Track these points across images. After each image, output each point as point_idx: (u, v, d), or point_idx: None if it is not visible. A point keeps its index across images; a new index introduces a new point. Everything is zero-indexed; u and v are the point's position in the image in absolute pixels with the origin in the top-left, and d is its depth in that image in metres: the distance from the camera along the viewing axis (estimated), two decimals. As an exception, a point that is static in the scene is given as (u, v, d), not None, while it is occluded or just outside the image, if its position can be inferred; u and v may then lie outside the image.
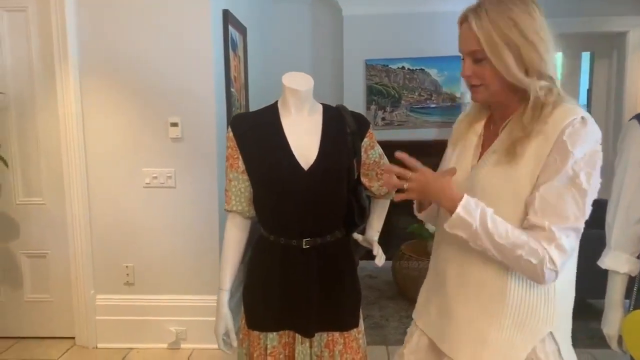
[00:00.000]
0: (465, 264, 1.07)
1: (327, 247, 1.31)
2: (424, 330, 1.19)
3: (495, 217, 0.96)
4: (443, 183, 0.99)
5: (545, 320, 1.02)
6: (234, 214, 1.37)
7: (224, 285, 1.36)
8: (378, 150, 1.40)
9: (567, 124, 0.94)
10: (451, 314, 1.10)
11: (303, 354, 1.30)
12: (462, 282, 1.08)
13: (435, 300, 1.16)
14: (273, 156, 1.27)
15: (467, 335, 1.06)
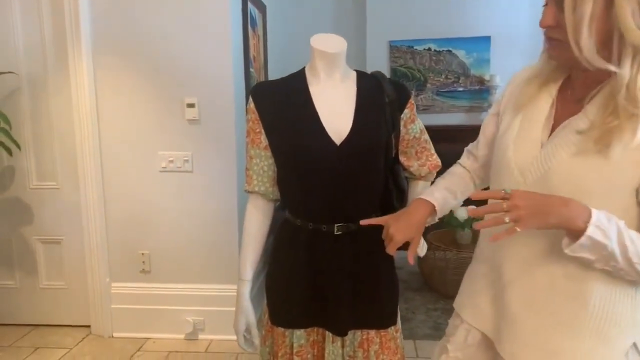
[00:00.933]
0: (532, 260, 0.89)
1: (362, 234, 1.15)
2: (473, 324, 1.04)
3: (631, 232, 0.76)
4: (560, 197, 0.77)
5: (631, 329, 0.85)
6: (256, 195, 1.22)
7: (244, 275, 1.22)
8: (419, 125, 1.23)
9: None
10: (512, 316, 0.93)
11: (334, 354, 1.15)
12: (527, 283, 0.91)
13: (488, 291, 1.00)
14: (300, 129, 1.11)
15: (533, 344, 0.90)
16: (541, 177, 0.86)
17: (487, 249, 1.03)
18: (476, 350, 1.04)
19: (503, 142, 0.96)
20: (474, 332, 1.04)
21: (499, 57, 4.17)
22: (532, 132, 0.91)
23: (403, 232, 1.01)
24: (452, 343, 1.07)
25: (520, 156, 0.91)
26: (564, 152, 0.83)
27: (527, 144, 0.91)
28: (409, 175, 1.26)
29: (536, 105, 0.92)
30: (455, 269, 3.07)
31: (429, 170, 1.25)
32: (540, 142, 0.89)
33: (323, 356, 1.16)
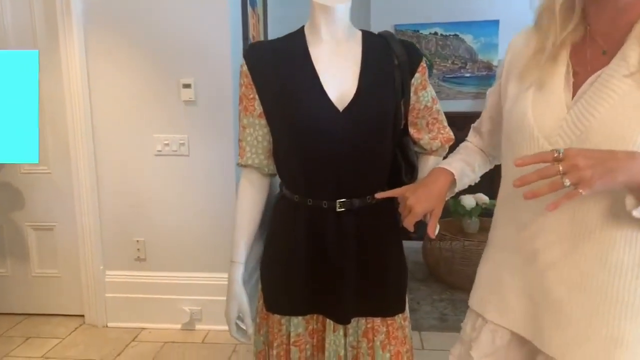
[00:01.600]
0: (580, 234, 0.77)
1: (367, 211, 1.04)
2: (501, 324, 0.91)
3: None
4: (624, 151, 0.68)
5: None
6: (250, 169, 1.11)
7: (236, 256, 1.11)
8: (431, 93, 1.11)
9: None
10: (554, 303, 0.81)
11: (335, 344, 1.04)
12: (573, 262, 0.78)
13: (519, 286, 0.88)
14: (299, 94, 1.00)
15: (588, 332, 0.78)
16: (577, 139, 0.75)
17: (510, 232, 0.90)
18: (506, 354, 0.91)
19: (517, 112, 0.85)
20: (501, 332, 0.91)
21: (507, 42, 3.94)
22: (553, 96, 0.81)
23: (423, 202, 0.92)
24: (476, 349, 0.94)
25: (544, 122, 0.81)
26: (603, 106, 0.73)
27: (550, 108, 0.80)
28: (419, 149, 1.15)
29: (550, 73, 0.83)
30: (462, 259, 2.97)
31: (441, 144, 1.14)
32: (565, 104, 0.79)
33: (323, 346, 1.05)
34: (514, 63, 0.90)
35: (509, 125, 0.88)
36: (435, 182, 0.96)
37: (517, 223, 0.87)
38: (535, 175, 0.70)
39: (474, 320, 0.98)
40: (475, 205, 3.03)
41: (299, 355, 1.06)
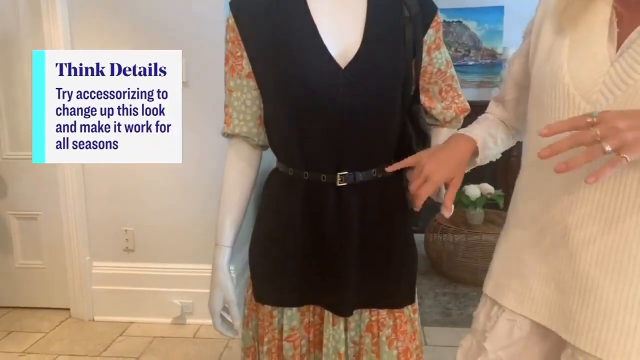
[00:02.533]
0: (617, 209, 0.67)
1: (373, 187, 0.90)
2: (522, 312, 0.80)
3: None
4: None
5: None
6: (238, 139, 0.98)
7: (221, 239, 0.97)
8: (445, 54, 0.97)
9: None
10: (586, 287, 0.70)
11: (335, 339, 0.91)
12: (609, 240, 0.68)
13: (543, 269, 0.77)
14: (294, 49, 0.86)
15: (629, 324, 0.67)
16: (623, 97, 0.65)
17: (535, 208, 0.79)
18: (525, 346, 0.81)
19: (550, 68, 0.75)
20: (521, 321, 0.81)
21: (512, 29, 3.92)
22: (593, 47, 0.71)
23: (444, 169, 0.82)
24: (491, 341, 0.84)
25: (582, 78, 0.70)
26: None
27: (589, 61, 0.71)
28: (431, 120, 1.01)
29: (589, 19, 0.72)
30: (466, 251, 2.86)
31: (456, 114, 1.00)
32: (609, 57, 0.69)
33: (321, 342, 0.92)
34: (549, 10, 0.78)
35: (539, 84, 0.76)
36: (457, 146, 0.84)
37: (543, 197, 0.77)
38: (567, 143, 0.61)
39: (489, 309, 0.88)
40: (479, 196, 2.90)
41: (293, 352, 0.93)
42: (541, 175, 0.78)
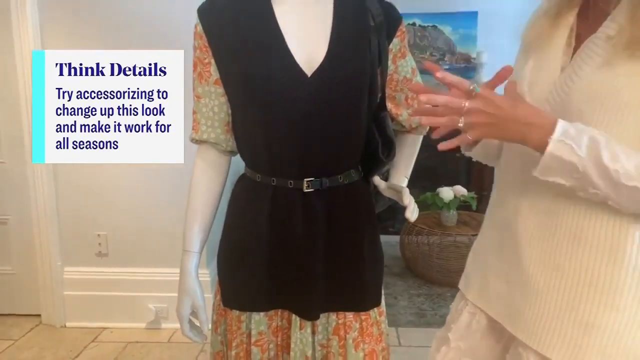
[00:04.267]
0: (554, 214, 0.72)
1: (339, 192, 0.92)
2: (479, 305, 0.86)
3: (616, 147, 0.63)
4: (525, 108, 0.67)
5: None
6: (205, 146, 0.98)
7: (189, 245, 0.98)
8: (411, 62, 1.00)
9: None
10: (531, 286, 0.75)
11: (303, 343, 0.93)
12: (548, 241, 0.73)
13: (499, 264, 0.82)
14: (261, 56, 0.87)
15: (560, 317, 0.72)
16: (561, 102, 0.71)
17: (496, 210, 0.85)
18: (481, 338, 0.87)
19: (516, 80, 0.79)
20: (479, 315, 0.87)
21: (486, 34, 4.00)
22: (550, 60, 0.77)
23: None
24: (455, 331, 0.91)
25: (537, 87, 0.77)
26: (588, 67, 0.70)
27: (544, 72, 0.77)
28: (397, 126, 1.04)
29: (550, 38, 0.78)
30: (440, 253, 2.91)
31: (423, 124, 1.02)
32: (561, 67, 0.75)
33: (289, 346, 0.94)
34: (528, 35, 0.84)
35: None
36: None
37: (500, 198, 0.83)
38: (441, 107, 0.68)
39: (457, 302, 0.94)
40: (453, 198, 2.96)
41: (261, 356, 0.94)
42: (500, 178, 0.84)
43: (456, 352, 0.89)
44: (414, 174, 1.12)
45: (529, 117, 0.66)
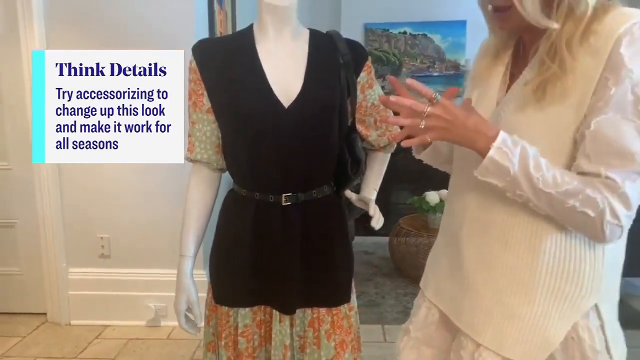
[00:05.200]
0: (487, 217, 0.85)
1: (313, 205, 1.07)
2: (434, 301, 0.99)
3: (540, 159, 0.75)
4: (476, 119, 0.78)
5: (591, 290, 0.80)
6: (199, 165, 1.13)
7: (185, 250, 1.13)
8: (377, 91, 1.15)
9: (624, 32, 0.71)
10: (469, 282, 0.89)
11: (282, 334, 1.07)
12: (482, 242, 0.86)
13: (448, 265, 0.95)
14: (245, 90, 1.02)
15: (490, 309, 0.85)
16: None
17: (447, 214, 0.98)
18: (435, 330, 0.99)
19: None
20: (433, 309, 0.99)
21: (474, 42, 4.06)
22: (488, 95, 0.89)
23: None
24: (414, 323, 1.03)
25: None
26: (509, 108, 0.83)
27: (483, 105, 0.88)
28: (368, 145, 1.19)
29: (490, 74, 0.91)
30: (427, 254, 2.96)
31: (388, 141, 1.18)
32: (497, 101, 0.88)
33: (270, 336, 1.08)
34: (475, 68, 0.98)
35: None
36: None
37: (448, 203, 0.97)
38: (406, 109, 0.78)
39: (418, 299, 1.06)
40: (439, 201, 3.10)
41: (247, 345, 1.09)
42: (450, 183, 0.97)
43: (415, 342, 1.01)
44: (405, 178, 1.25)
45: (478, 126, 0.77)
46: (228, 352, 1.09)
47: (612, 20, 0.73)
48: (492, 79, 0.90)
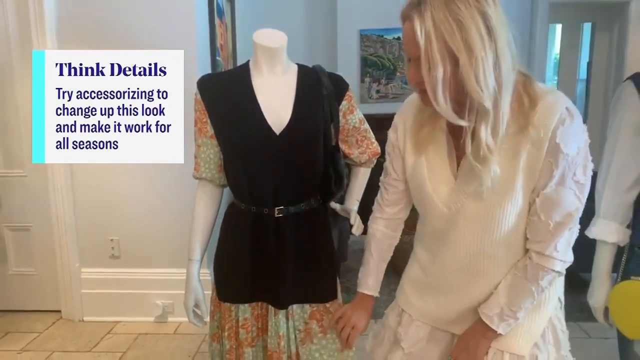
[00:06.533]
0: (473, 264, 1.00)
1: (302, 216, 1.24)
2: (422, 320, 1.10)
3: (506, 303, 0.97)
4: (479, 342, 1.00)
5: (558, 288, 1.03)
6: (204, 182, 1.30)
7: (193, 255, 1.31)
8: (358, 115, 1.32)
9: (557, 124, 0.85)
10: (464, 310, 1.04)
11: (277, 325, 1.24)
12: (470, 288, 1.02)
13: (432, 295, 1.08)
14: (243, 119, 1.19)
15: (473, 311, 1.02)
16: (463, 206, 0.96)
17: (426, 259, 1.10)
18: (428, 341, 1.10)
19: (417, 180, 1.02)
20: (422, 326, 1.10)
21: None
22: (443, 169, 0.98)
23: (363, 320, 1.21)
24: (405, 341, 1.11)
25: (439, 192, 0.98)
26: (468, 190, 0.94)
27: (442, 180, 0.98)
28: (351, 162, 1.36)
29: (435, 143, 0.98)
30: (418, 252, 3.19)
31: (369, 157, 1.35)
32: (453, 174, 0.97)
33: (266, 328, 1.26)
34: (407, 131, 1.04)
35: (414, 191, 1.06)
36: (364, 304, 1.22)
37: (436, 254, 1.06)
38: None
39: (399, 314, 1.15)
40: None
41: (246, 335, 1.26)
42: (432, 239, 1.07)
43: (409, 357, 1.10)
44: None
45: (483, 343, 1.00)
46: (230, 341, 1.27)
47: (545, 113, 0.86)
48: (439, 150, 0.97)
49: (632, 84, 1.19)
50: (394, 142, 1.07)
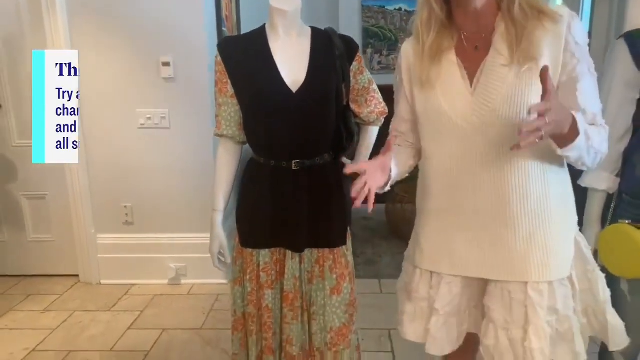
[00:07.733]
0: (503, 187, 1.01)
1: (316, 169, 1.34)
2: (454, 273, 1.09)
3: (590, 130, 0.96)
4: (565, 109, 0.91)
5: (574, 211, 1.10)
6: (225, 139, 1.39)
7: (217, 206, 1.41)
8: (367, 76, 1.40)
9: (569, 18, 0.98)
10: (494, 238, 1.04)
11: (293, 268, 1.36)
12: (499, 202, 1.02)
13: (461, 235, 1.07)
14: (261, 79, 1.28)
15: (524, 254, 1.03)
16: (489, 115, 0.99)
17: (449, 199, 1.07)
18: (460, 297, 1.10)
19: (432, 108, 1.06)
20: (455, 282, 1.09)
21: None
22: (455, 87, 1.03)
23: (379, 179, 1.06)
24: (439, 302, 1.09)
25: (456, 109, 1.02)
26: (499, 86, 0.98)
27: (457, 97, 1.02)
28: (360, 121, 1.45)
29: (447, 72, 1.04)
30: (420, 217, 3.30)
31: (377, 116, 1.44)
32: (468, 92, 1.02)
33: (284, 272, 1.37)
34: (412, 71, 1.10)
35: (428, 119, 1.08)
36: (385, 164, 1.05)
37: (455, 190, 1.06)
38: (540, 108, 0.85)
39: (428, 279, 1.12)
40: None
41: (267, 278, 1.38)
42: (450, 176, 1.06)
43: (445, 317, 1.10)
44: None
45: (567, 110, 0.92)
46: (252, 284, 1.38)
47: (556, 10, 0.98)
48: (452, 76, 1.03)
49: (623, 41, 1.27)
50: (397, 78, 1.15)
